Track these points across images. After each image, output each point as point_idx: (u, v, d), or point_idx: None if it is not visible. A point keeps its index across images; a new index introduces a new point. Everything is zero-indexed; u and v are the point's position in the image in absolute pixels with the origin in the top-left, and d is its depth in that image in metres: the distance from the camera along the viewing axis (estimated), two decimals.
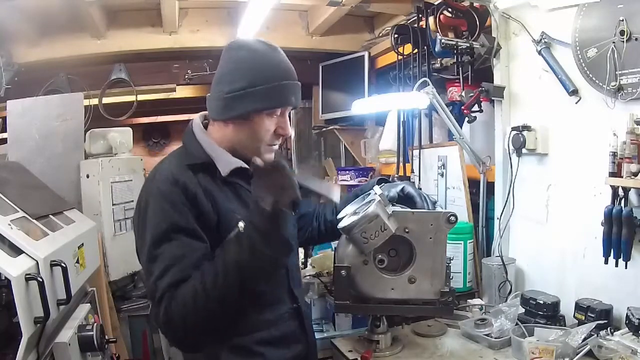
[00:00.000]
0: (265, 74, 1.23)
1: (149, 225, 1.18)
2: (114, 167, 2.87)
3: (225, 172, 1.27)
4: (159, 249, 1.15)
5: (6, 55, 2.87)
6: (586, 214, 1.68)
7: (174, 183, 1.19)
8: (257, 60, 1.24)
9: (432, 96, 2.00)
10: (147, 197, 1.22)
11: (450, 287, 1.49)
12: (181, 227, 1.17)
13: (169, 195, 1.18)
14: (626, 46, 1.50)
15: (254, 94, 1.22)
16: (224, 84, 1.25)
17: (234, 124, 1.28)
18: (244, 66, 1.24)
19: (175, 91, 3.77)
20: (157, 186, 1.21)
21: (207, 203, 1.21)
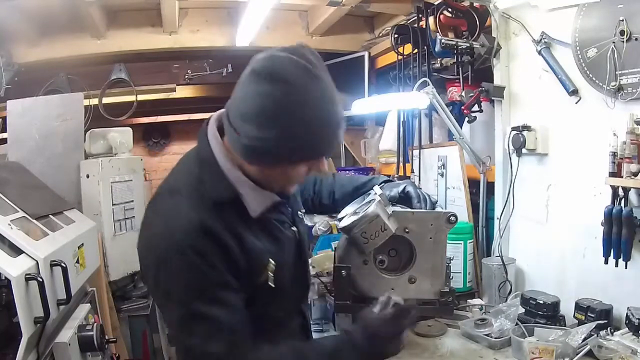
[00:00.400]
0: (306, 121, 0.96)
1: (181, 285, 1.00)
2: (114, 167, 2.88)
3: (256, 212, 1.08)
4: (199, 310, 0.99)
5: (6, 55, 2.88)
6: (586, 214, 1.68)
7: (203, 236, 0.99)
8: (294, 101, 0.95)
9: (432, 96, 2.00)
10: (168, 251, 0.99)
11: (450, 287, 1.48)
12: (220, 284, 1.02)
13: (201, 251, 0.99)
14: (626, 46, 1.50)
15: (290, 146, 0.98)
16: (250, 122, 0.96)
17: (259, 167, 1.06)
18: (277, 107, 0.94)
19: (175, 91, 3.78)
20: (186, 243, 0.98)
21: (237, 248, 1.04)
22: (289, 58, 0.97)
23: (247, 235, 1.07)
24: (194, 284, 0.99)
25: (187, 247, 0.98)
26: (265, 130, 0.95)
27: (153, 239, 1.04)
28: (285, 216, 1.21)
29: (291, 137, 0.96)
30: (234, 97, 1.01)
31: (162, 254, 1.00)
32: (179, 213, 1.01)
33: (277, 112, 0.95)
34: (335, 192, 1.58)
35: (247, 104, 0.97)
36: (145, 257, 1.06)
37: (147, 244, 1.06)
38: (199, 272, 0.99)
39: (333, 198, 1.57)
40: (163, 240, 1.01)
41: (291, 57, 0.97)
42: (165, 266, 1.00)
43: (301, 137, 0.97)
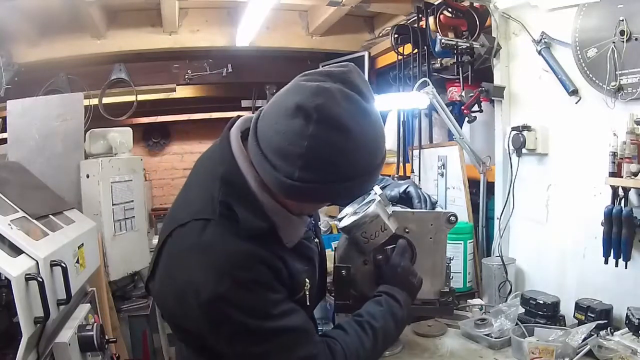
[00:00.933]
0: (358, 168, 0.90)
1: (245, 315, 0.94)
2: (114, 167, 2.88)
3: (292, 243, 1.03)
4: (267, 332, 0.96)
5: (6, 55, 2.88)
6: (586, 214, 1.68)
7: (254, 258, 0.94)
8: (346, 147, 0.87)
9: (432, 96, 2.00)
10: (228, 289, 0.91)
11: (450, 287, 1.48)
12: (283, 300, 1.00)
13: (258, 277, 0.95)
14: (626, 46, 1.50)
15: (337, 191, 0.91)
16: (293, 163, 0.86)
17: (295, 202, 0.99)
18: (328, 153, 0.86)
19: (175, 91, 3.78)
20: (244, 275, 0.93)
21: (285, 270, 1.01)
22: (341, 92, 0.86)
23: (287, 257, 1.02)
24: (261, 310, 0.95)
25: (244, 279, 0.93)
26: (311, 174, 0.87)
27: (196, 279, 0.93)
28: (311, 231, 1.19)
29: (339, 183, 0.89)
30: (269, 126, 0.90)
31: (218, 294, 0.91)
32: (222, 246, 0.93)
33: (328, 157, 0.86)
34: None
35: (290, 141, 0.86)
36: (188, 302, 0.93)
37: (187, 285, 0.94)
38: (263, 298, 0.95)
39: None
40: (213, 279, 0.92)
41: (343, 90, 0.87)
42: (225, 306, 0.92)
43: (350, 182, 0.90)
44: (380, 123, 0.93)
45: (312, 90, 0.86)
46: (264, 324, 0.95)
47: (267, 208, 0.97)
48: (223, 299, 0.91)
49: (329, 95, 0.85)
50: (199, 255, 0.94)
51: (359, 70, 0.93)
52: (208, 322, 0.95)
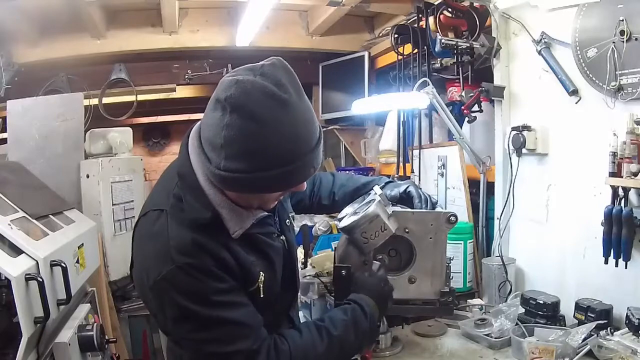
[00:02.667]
0: (278, 156, 0.92)
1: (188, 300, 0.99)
2: (114, 167, 2.88)
3: (236, 234, 1.06)
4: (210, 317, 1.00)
5: (6, 55, 2.87)
6: (586, 214, 1.68)
7: (199, 247, 1.00)
8: (263, 136, 0.90)
9: (432, 96, 2.00)
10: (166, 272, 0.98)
11: (450, 287, 1.48)
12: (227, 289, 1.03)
13: (200, 265, 0.99)
14: (626, 46, 1.50)
15: (264, 180, 0.94)
16: (218, 153, 0.92)
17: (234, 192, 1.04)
18: (246, 142, 0.90)
19: (175, 91, 3.78)
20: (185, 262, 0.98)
21: (232, 259, 1.05)
22: (253, 84, 0.90)
23: (238, 249, 1.06)
24: (201, 296, 0.99)
25: (186, 265, 0.98)
26: (235, 163, 0.92)
27: (147, 263, 1.02)
28: (273, 227, 1.19)
29: (263, 172, 0.92)
30: (203, 120, 0.97)
31: (162, 276, 0.98)
32: (169, 234, 1.00)
33: (245, 146, 0.90)
34: (336, 192, 1.58)
35: (213, 133, 0.92)
36: (143, 284, 1.03)
37: (141, 269, 1.04)
38: (204, 284, 0.99)
39: (333, 199, 1.57)
40: (159, 263, 0.99)
41: (256, 82, 0.91)
42: (168, 288, 0.99)
43: (275, 171, 0.93)
44: (304, 114, 0.96)
45: (228, 83, 0.92)
46: (204, 310, 1.00)
47: (213, 200, 1.03)
48: (166, 280, 0.98)
49: (242, 86, 0.90)
50: (150, 241, 1.04)
51: (284, 63, 0.97)
52: (155, 304, 1.03)
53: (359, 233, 1.36)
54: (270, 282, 1.14)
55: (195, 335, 1.02)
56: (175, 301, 0.99)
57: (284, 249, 1.22)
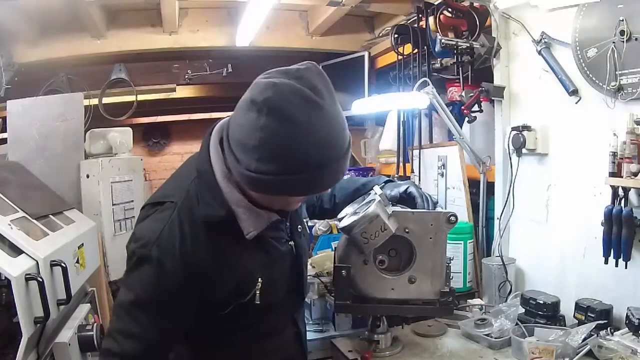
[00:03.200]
0: (309, 161, 0.92)
1: (137, 282, 1.03)
2: (114, 167, 2.88)
3: (251, 235, 1.05)
4: (137, 310, 1.02)
5: (6, 55, 2.87)
6: (586, 214, 1.68)
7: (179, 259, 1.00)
8: (296, 139, 0.90)
9: (432, 96, 2.00)
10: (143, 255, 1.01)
11: (450, 287, 1.48)
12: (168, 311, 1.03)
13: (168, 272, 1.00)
14: (626, 46, 1.50)
15: (292, 183, 0.94)
16: (250, 155, 0.92)
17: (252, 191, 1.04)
18: (279, 145, 0.90)
19: (175, 91, 3.78)
20: (157, 256, 1.00)
21: (220, 276, 1.05)
22: (290, 87, 0.90)
23: (238, 255, 1.07)
24: (146, 290, 1.01)
25: (155, 259, 1.00)
26: (267, 165, 0.91)
27: (137, 236, 1.05)
28: (283, 232, 1.19)
29: (294, 175, 0.92)
30: (234, 120, 0.97)
31: (136, 251, 1.02)
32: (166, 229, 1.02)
33: (279, 149, 0.90)
34: (336, 195, 1.58)
35: (246, 134, 0.92)
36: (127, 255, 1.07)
37: (129, 243, 1.07)
38: (155, 285, 1.01)
39: (334, 202, 1.57)
40: (142, 243, 1.02)
41: (292, 85, 0.90)
42: (135, 262, 1.02)
43: (304, 175, 0.93)
44: (337, 119, 0.96)
45: (264, 85, 0.92)
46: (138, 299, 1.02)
47: (229, 198, 1.02)
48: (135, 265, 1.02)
49: (279, 89, 0.90)
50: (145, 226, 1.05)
51: (319, 69, 0.97)
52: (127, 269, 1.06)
53: (359, 233, 1.36)
54: (270, 287, 1.12)
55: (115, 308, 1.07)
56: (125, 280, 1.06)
57: (292, 253, 1.21)
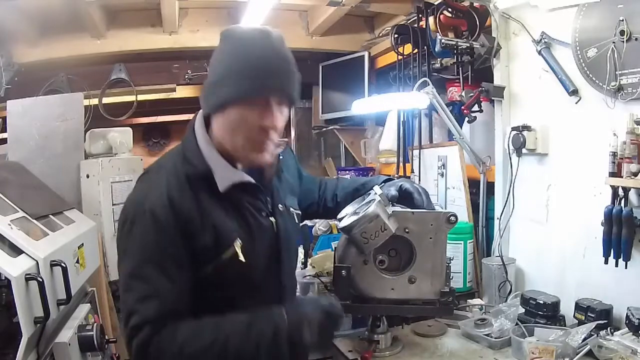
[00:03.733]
0: (244, 59, 1.08)
1: (136, 244, 1.10)
2: (114, 167, 2.87)
3: (223, 187, 1.15)
4: (144, 270, 1.08)
5: (6, 55, 2.87)
6: (586, 214, 1.68)
7: (167, 206, 1.09)
8: (240, 46, 1.10)
9: (432, 96, 2.00)
10: (135, 214, 1.10)
11: (450, 287, 1.48)
12: (169, 254, 1.09)
13: (161, 219, 1.08)
14: (626, 46, 1.50)
15: (227, 81, 1.09)
16: (209, 73, 1.15)
17: (217, 119, 1.15)
18: (226, 53, 1.12)
19: (175, 91, 3.78)
20: (150, 207, 1.08)
21: (202, 225, 1.12)
22: (251, 27, 1.16)
23: (217, 212, 1.15)
24: (145, 247, 1.09)
25: (148, 211, 1.08)
26: (215, 72, 1.12)
27: (127, 203, 1.16)
28: (262, 204, 1.24)
29: (232, 73, 1.08)
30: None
31: (128, 215, 1.12)
32: (154, 185, 1.13)
33: (224, 56, 1.12)
34: (338, 194, 1.60)
35: (211, 59, 1.15)
36: (119, 218, 1.17)
37: (123, 207, 1.17)
38: (153, 237, 1.08)
39: (336, 201, 1.58)
40: (133, 205, 1.13)
41: (254, 27, 1.15)
42: (128, 226, 1.10)
43: (237, 73, 1.08)
44: (271, 43, 1.13)
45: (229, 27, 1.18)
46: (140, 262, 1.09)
47: (208, 157, 1.16)
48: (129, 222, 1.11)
49: (239, 26, 1.18)
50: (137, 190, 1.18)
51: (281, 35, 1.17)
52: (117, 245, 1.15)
53: (359, 233, 1.36)
54: (251, 254, 1.16)
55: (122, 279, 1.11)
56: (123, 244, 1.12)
57: (273, 231, 1.24)
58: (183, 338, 1.07)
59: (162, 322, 1.06)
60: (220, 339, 1.07)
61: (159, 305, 1.07)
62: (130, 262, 1.10)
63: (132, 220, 1.10)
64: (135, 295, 1.07)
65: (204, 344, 1.07)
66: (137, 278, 1.08)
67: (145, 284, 1.07)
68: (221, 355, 1.07)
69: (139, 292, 1.07)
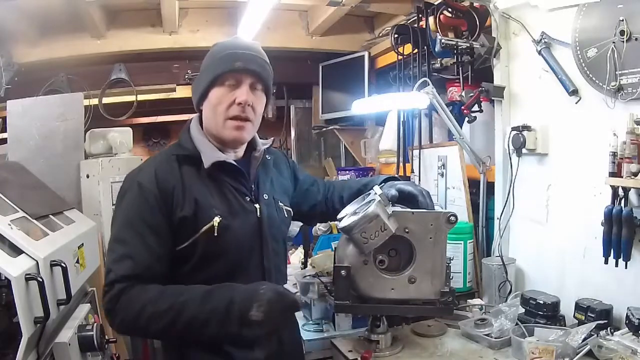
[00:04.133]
0: (215, 52, 1.36)
1: (123, 212, 1.28)
2: (114, 167, 2.87)
3: (207, 164, 1.31)
4: (125, 234, 1.24)
5: (6, 55, 2.87)
6: (586, 214, 1.68)
7: (153, 181, 1.27)
8: (215, 46, 1.39)
9: (432, 96, 2.00)
10: (128, 186, 1.30)
11: (450, 287, 1.48)
12: (148, 222, 1.24)
13: (146, 191, 1.25)
14: (626, 46, 1.50)
15: (205, 72, 1.36)
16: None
17: (205, 109, 1.37)
18: (206, 57, 1.40)
19: (175, 91, 3.77)
20: (139, 180, 1.27)
21: (184, 197, 1.27)
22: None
23: (200, 188, 1.30)
24: (128, 214, 1.26)
25: (137, 184, 1.27)
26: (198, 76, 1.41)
27: (125, 178, 1.34)
28: (246, 189, 1.37)
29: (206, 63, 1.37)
30: None
31: (123, 187, 1.32)
32: (147, 164, 1.35)
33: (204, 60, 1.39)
34: (344, 196, 1.65)
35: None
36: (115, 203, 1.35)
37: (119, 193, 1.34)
38: (136, 206, 1.25)
39: (342, 202, 1.62)
40: (128, 179, 1.32)
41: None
42: (120, 197, 1.31)
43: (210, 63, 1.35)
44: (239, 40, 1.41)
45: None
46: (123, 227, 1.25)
47: (197, 141, 1.35)
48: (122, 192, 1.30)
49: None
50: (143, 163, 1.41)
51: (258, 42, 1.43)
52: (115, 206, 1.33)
53: (358, 233, 1.36)
54: (230, 232, 1.28)
55: (112, 240, 1.26)
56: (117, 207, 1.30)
57: (256, 217, 1.36)
58: (147, 299, 1.18)
59: (133, 281, 1.20)
60: (177, 306, 1.17)
61: (132, 265, 1.20)
62: (115, 228, 1.27)
63: (124, 192, 1.29)
64: (113, 255, 1.23)
65: (163, 308, 1.17)
66: (118, 241, 1.24)
67: (123, 247, 1.22)
68: (175, 319, 1.17)
69: (117, 253, 1.22)
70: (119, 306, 1.19)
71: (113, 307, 1.20)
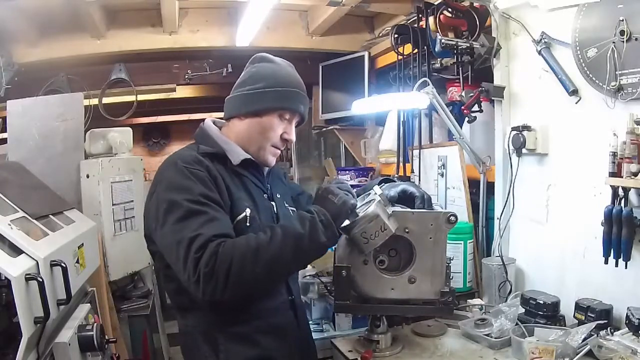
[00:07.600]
0: (282, 80, 1.42)
1: (181, 194, 1.25)
2: (114, 167, 2.87)
3: (237, 161, 1.40)
4: (197, 208, 1.23)
5: (6, 55, 2.87)
6: (586, 214, 1.68)
7: (198, 162, 1.32)
8: (276, 68, 1.45)
9: (432, 96, 2.00)
10: (171, 175, 1.30)
11: (450, 287, 1.49)
12: (211, 198, 1.27)
13: (195, 172, 1.29)
14: (626, 46, 1.50)
15: (270, 94, 1.40)
16: (245, 85, 1.42)
17: (249, 119, 1.42)
18: (265, 71, 1.44)
19: (175, 91, 3.78)
20: (183, 165, 1.30)
21: (224, 188, 1.33)
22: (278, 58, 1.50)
23: (230, 183, 1.36)
24: (190, 192, 1.25)
25: (183, 168, 1.29)
26: (256, 84, 1.41)
27: (157, 174, 1.35)
28: (262, 185, 1.47)
29: (273, 87, 1.40)
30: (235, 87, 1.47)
31: (163, 171, 1.33)
32: (182, 156, 1.35)
33: (264, 73, 1.43)
34: None
35: (244, 76, 1.46)
36: (153, 182, 1.35)
37: (152, 182, 1.35)
38: (191, 182, 1.27)
39: None
40: (167, 164, 1.35)
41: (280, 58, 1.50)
42: (166, 181, 1.30)
43: (278, 89, 1.40)
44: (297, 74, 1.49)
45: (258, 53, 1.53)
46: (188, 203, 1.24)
47: (219, 140, 1.43)
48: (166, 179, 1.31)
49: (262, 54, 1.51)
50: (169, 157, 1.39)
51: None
52: (154, 208, 1.30)
53: (359, 233, 1.36)
54: (255, 222, 1.34)
55: (176, 226, 1.22)
56: (169, 196, 1.26)
57: (273, 212, 1.46)
58: (244, 241, 1.21)
59: (224, 238, 1.20)
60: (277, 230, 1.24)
61: (219, 226, 1.23)
62: (177, 209, 1.23)
63: (170, 179, 1.29)
64: (192, 227, 1.19)
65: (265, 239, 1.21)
66: (192, 215, 1.22)
67: (200, 217, 1.22)
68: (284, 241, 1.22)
69: (198, 222, 1.20)
70: (219, 261, 1.16)
71: (213, 265, 1.15)
